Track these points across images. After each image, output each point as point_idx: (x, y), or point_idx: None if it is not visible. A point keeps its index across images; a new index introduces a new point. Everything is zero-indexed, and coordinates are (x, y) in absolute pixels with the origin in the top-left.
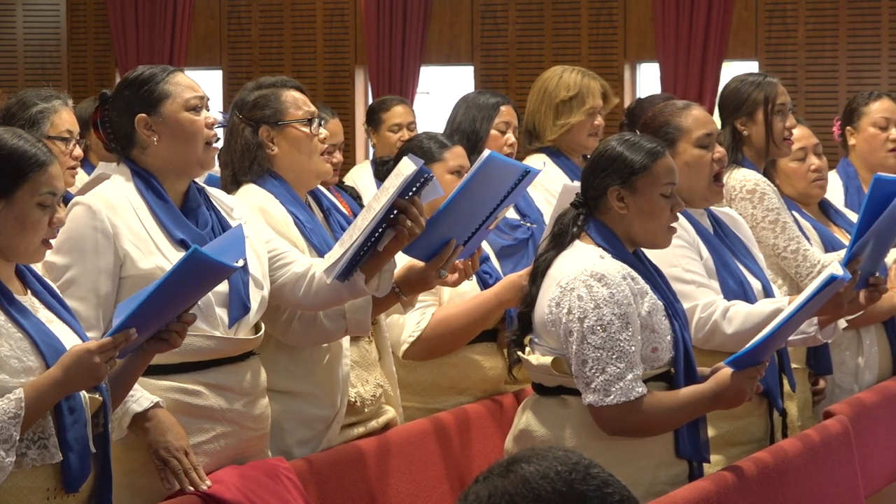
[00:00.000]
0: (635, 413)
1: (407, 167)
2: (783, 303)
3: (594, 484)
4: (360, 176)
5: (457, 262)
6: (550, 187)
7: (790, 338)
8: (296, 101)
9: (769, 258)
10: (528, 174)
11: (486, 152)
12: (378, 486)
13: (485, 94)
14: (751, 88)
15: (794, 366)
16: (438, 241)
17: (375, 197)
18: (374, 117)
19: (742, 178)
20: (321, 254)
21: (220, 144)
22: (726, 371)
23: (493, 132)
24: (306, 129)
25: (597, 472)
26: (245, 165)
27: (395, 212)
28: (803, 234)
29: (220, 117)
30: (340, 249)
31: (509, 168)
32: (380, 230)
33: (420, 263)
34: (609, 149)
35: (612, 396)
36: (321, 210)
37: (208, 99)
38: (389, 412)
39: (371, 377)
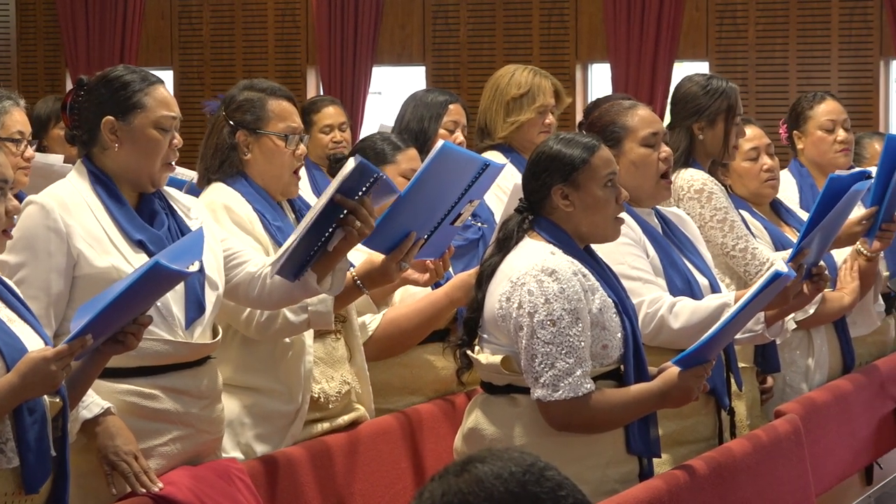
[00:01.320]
0: (583, 409)
1: (347, 166)
2: (729, 297)
3: (548, 486)
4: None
5: (427, 262)
6: (503, 184)
7: (737, 336)
8: (281, 113)
9: (718, 257)
10: (487, 167)
11: (441, 142)
12: (332, 485)
13: (433, 92)
14: (715, 95)
15: (741, 365)
16: (398, 234)
17: (319, 199)
18: (305, 118)
19: (690, 178)
20: None
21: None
22: (674, 369)
23: (442, 131)
24: (282, 144)
25: (551, 475)
26: (215, 164)
27: (345, 212)
28: (751, 233)
29: (209, 106)
30: (285, 246)
31: (466, 160)
32: (330, 230)
33: (380, 256)
34: (546, 149)
35: (560, 391)
36: (293, 210)
37: (180, 119)
38: (359, 409)
39: (337, 374)
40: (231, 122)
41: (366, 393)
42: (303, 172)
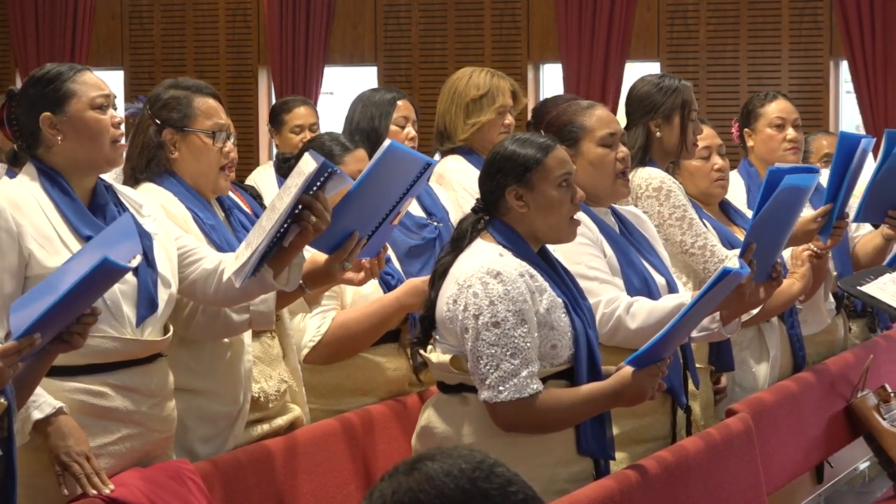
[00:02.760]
0: (530, 409)
1: (308, 164)
2: (686, 297)
3: (498, 482)
4: (263, 177)
5: (363, 261)
6: (469, 186)
7: (693, 335)
8: (207, 111)
9: (676, 255)
10: (430, 167)
11: (387, 142)
12: (284, 487)
13: (380, 90)
14: (669, 92)
15: (697, 365)
16: (341, 233)
17: (279, 196)
18: (276, 118)
19: (648, 177)
20: (222, 251)
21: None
22: (628, 369)
23: (393, 127)
24: (209, 141)
25: (501, 471)
26: (142, 163)
27: (300, 207)
28: None
29: (131, 108)
30: (247, 251)
31: (411, 159)
32: (285, 226)
33: (323, 256)
34: (501, 150)
35: (505, 393)
36: (223, 209)
37: (115, 97)
38: (295, 410)
39: (274, 372)
40: (157, 121)
41: (300, 393)
42: (271, 168)
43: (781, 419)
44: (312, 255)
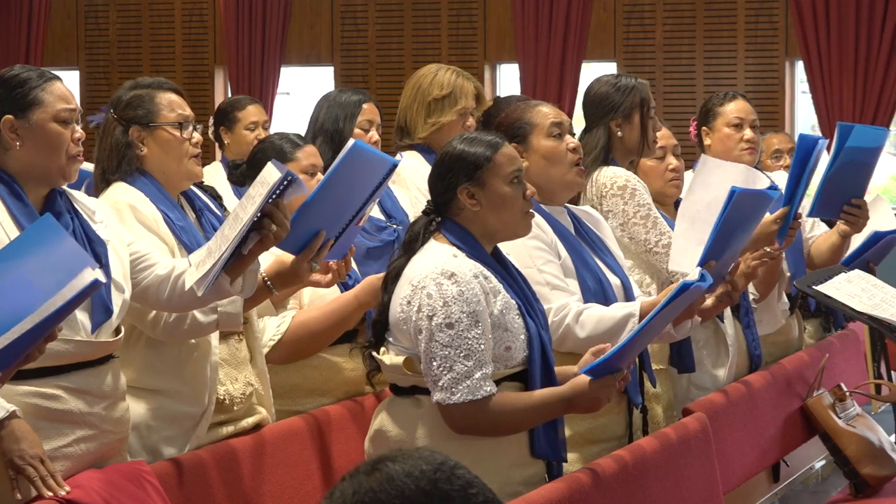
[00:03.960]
0: (483, 412)
1: (271, 174)
2: (634, 307)
3: (458, 484)
4: (214, 177)
5: (330, 263)
6: (422, 186)
7: None
8: (170, 104)
9: (640, 255)
10: (394, 168)
11: (351, 141)
12: (240, 488)
13: (346, 92)
14: (626, 91)
15: (658, 367)
16: (307, 234)
17: (241, 205)
18: (227, 117)
19: (612, 175)
20: (192, 252)
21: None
22: (583, 377)
23: (357, 130)
24: (176, 133)
25: (462, 473)
26: (113, 164)
27: (259, 215)
28: None
29: (96, 119)
30: (209, 260)
31: (376, 159)
32: (245, 234)
33: (290, 257)
34: (450, 149)
35: (458, 395)
36: (194, 210)
37: (80, 112)
38: (261, 412)
39: (241, 375)
40: (123, 121)
41: (267, 395)
42: (220, 168)
43: (738, 419)
44: (279, 256)
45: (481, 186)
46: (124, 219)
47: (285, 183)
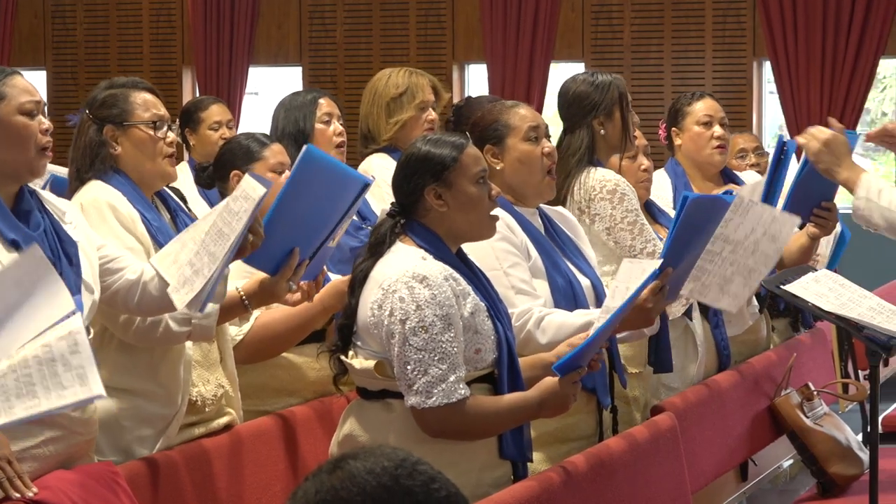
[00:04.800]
0: (458, 415)
1: (255, 189)
2: (593, 315)
3: (420, 479)
4: (181, 178)
5: (301, 283)
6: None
7: (619, 335)
8: (145, 103)
9: (623, 259)
10: (368, 187)
11: (305, 147)
12: (209, 488)
13: (300, 93)
14: (605, 88)
15: (635, 370)
16: (280, 250)
17: (224, 220)
18: (192, 117)
19: (602, 178)
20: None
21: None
22: (550, 379)
23: (318, 126)
24: (150, 132)
25: (424, 469)
26: (87, 163)
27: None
28: None
29: (74, 119)
30: (198, 279)
31: (335, 168)
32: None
33: (268, 276)
34: (415, 151)
35: (434, 398)
36: (168, 211)
37: (45, 104)
38: (231, 413)
39: (212, 377)
40: (97, 120)
41: (236, 397)
42: (188, 169)
43: (706, 418)
44: (257, 276)
45: (448, 187)
46: (105, 218)
47: (263, 194)
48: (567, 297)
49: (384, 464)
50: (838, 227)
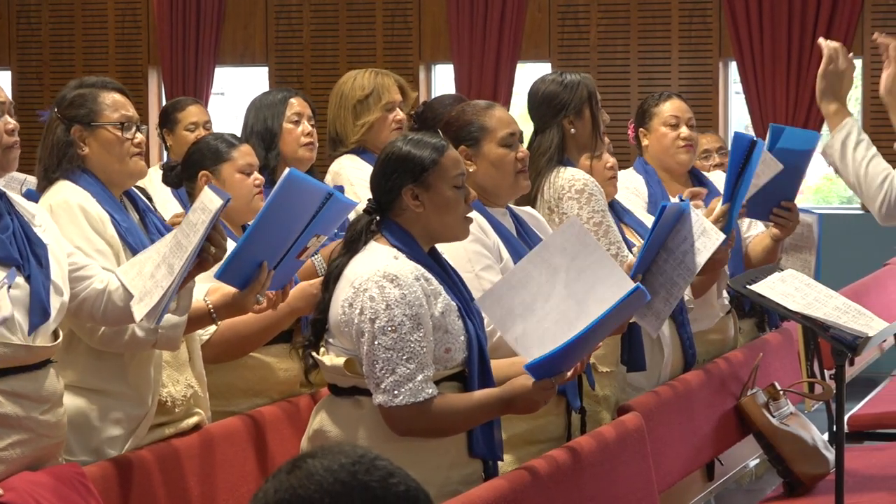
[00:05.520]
0: (425, 414)
1: (212, 201)
2: None
3: (378, 475)
4: (152, 178)
5: (267, 292)
6: (365, 181)
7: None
8: (114, 104)
9: None
10: (332, 197)
11: (287, 170)
12: (177, 488)
13: (271, 92)
14: (574, 87)
15: (606, 369)
16: (251, 266)
17: (183, 232)
18: (168, 118)
19: (571, 178)
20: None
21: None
22: (521, 378)
23: (287, 125)
24: (118, 133)
25: (382, 464)
26: (54, 162)
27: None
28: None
29: (44, 116)
30: (157, 291)
31: (312, 188)
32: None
33: (233, 289)
34: (395, 150)
35: (401, 397)
36: (137, 211)
37: (12, 104)
38: (200, 413)
39: (182, 377)
40: (65, 120)
41: (204, 397)
42: (158, 170)
43: (673, 417)
44: (223, 288)
45: (426, 189)
46: (76, 220)
47: (222, 206)
48: None
49: (341, 460)
50: (816, 231)
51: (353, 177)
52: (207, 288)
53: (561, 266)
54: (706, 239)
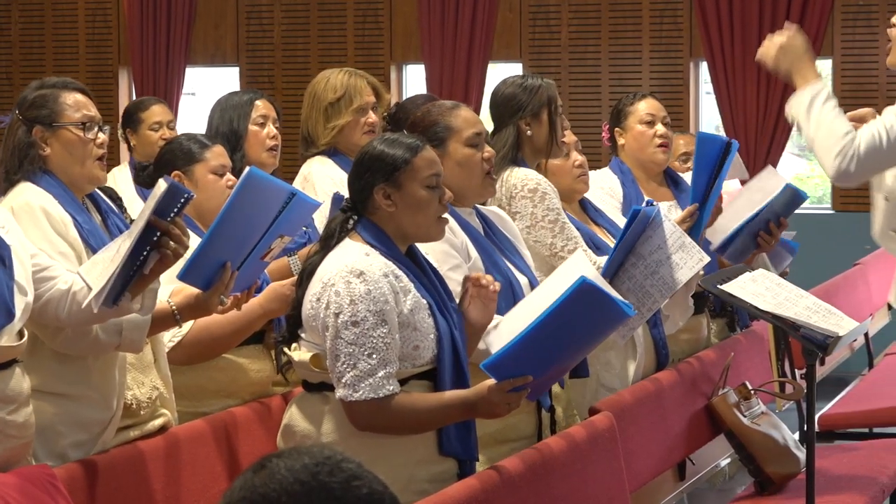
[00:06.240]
0: (384, 410)
1: (159, 187)
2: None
3: (342, 477)
4: (118, 178)
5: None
6: (331, 190)
7: None
8: (76, 104)
9: (545, 258)
10: (294, 197)
11: (247, 169)
12: (147, 490)
13: (237, 93)
14: (533, 90)
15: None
16: (214, 267)
17: (135, 222)
18: (132, 118)
19: (524, 177)
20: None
21: None
22: (488, 381)
23: (253, 127)
24: (80, 133)
25: (347, 466)
26: (15, 164)
27: (158, 234)
28: None
29: (5, 121)
30: (104, 278)
31: (274, 188)
32: (145, 253)
33: (197, 290)
34: (370, 149)
35: (361, 392)
36: (99, 213)
37: None
38: (165, 414)
39: (147, 379)
40: (26, 121)
41: (170, 398)
42: (127, 170)
43: (644, 417)
44: (186, 289)
45: (398, 188)
46: (38, 223)
47: (183, 199)
48: (506, 295)
49: (305, 461)
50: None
51: (319, 186)
52: (171, 289)
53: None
54: (685, 255)
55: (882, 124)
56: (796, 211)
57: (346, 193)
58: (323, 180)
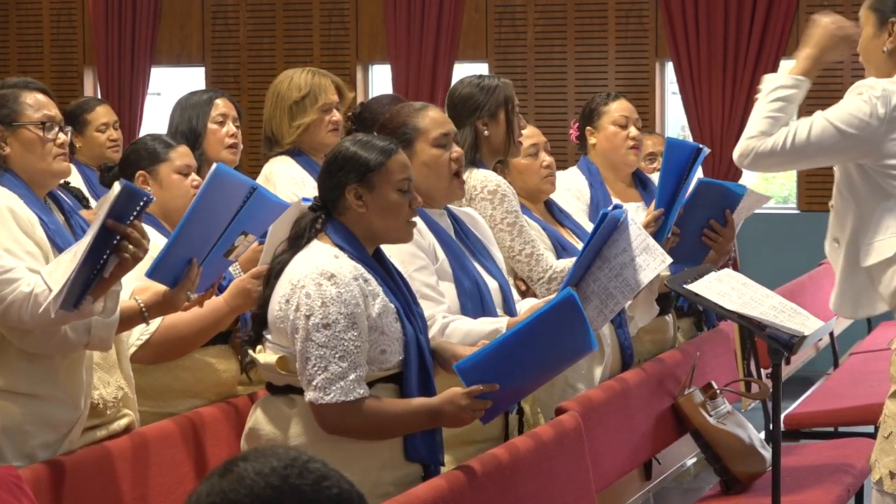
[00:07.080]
0: (354, 414)
1: (113, 190)
2: (502, 323)
3: (311, 478)
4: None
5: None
6: (296, 191)
7: None
8: (36, 104)
9: (505, 260)
10: (255, 191)
11: (214, 165)
12: (114, 490)
13: (197, 93)
14: (490, 90)
15: None
16: (180, 264)
17: (92, 226)
18: (77, 120)
19: (483, 179)
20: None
21: None
22: (454, 389)
23: (212, 126)
24: (40, 132)
25: (315, 467)
26: None
27: (118, 237)
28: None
29: None
30: (62, 281)
31: (238, 184)
32: (105, 257)
33: (164, 287)
34: (343, 149)
35: (331, 395)
36: (62, 212)
37: None
38: (129, 414)
39: (112, 379)
40: None
41: (133, 399)
42: (76, 174)
43: (610, 417)
44: (152, 286)
45: (370, 189)
46: (4, 222)
47: (142, 203)
48: (474, 299)
49: (273, 464)
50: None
51: (279, 182)
52: (133, 287)
53: None
54: (649, 257)
55: (794, 128)
56: (761, 211)
57: (307, 193)
58: (284, 180)
